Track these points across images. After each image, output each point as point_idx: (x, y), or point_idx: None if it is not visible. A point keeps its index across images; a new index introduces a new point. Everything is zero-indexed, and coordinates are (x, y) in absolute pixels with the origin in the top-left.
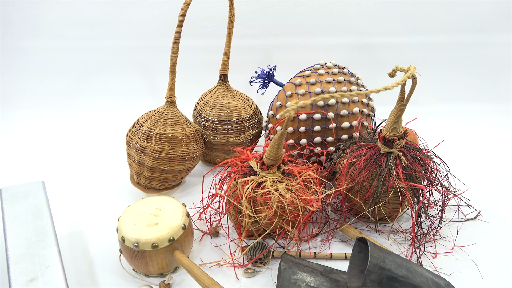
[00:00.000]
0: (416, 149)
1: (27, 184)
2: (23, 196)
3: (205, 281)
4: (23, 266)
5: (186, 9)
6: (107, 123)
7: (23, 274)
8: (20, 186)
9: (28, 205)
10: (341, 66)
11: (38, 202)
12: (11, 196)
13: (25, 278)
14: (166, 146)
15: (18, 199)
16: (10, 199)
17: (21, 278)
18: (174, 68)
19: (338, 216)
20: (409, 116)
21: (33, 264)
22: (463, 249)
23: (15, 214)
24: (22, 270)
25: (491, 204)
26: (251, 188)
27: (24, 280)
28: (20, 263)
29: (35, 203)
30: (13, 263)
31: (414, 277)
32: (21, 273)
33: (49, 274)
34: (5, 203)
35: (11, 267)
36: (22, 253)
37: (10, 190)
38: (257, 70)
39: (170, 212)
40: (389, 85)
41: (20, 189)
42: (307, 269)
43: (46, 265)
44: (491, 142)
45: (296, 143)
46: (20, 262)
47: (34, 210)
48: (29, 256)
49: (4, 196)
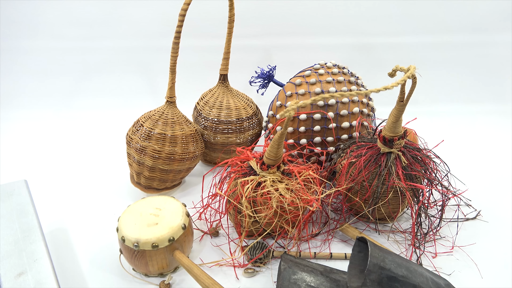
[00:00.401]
0: (416, 149)
1: (9, 184)
2: (7, 196)
3: (205, 281)
4: (11, 262)
5: (186, 9)
6: (107, 123)
7: (11, 269)
8: (2, 186)
9: (12, 203)
10: (341, 66)
11: (22, 200)
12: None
13: (14, 272)
14: (166, 146)
15: (2, 198)
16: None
17: (9, 273)
18: (174, 68)
19: (338, 216)
20: (409, 116)
21: (20, 259)
22: (463, 249)
23: (1, 213)
24: (11, 265)
25: (491, 204)
26: (251, 188)
27: (13, 274)
28: (8, 259)
29: (19, 202)
30: (1, 258)
31: (414, 277)
32: (9, 268)
33: (37, 267)
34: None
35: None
36: (9, 249)
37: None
38: (257, 70)
39: (170, 212)
40: (389, 85)
41: (3, 189)
42: (307, 269)
43: (34, 259)
44: (491, 142)
45: (296, 143)
46: (8, 258)
47: (18, 208)
48: (16, 252)
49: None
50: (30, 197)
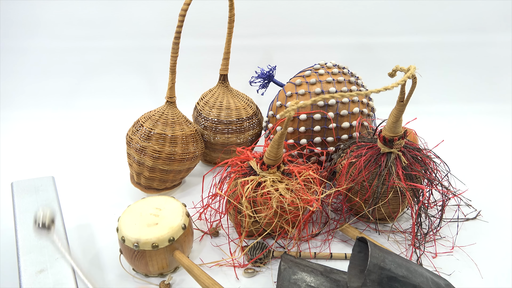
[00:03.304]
0: (416, 149)
1: (38, 179)
2: (34, 190)
3: (205, 281)
4: (33, 257)
5: (186, 9)
6: (107, 123)
7: (32, 265)
8: (31, 181)
9: (38, 199)
10: (341, 66)
11: (48, 196)
12: (22, 190)
13: (34, 269)
14: (166, 146)
15: (29, 193)
16: (21, 192)
17: (30, 268)
18: (174, 68)
19: (338, 216)
20: (409, 116)
21: (42, 256)
22: (463, 249)
23: (26, 207)
24: (32, 261)
25: (491, 204)
26: (251, 188)
27: (33, 270)
28: (30, 254)
29: (45, 197)
30: (22, 253)
31: (414, 277)
32: (31, 264)
33: (58, 266)
34: (16, 196)
35: (21, 258)
36: (32, 245)
37: (22, 184)
38: (257, 70)
39: (170, 212)
40: (389, 85)
41: (31, 183)
42: (307, 269)
43: (55, 257)
44: (491, 142)
45: (296, 143)
46: (30, 253)
47: (44, 204)
48: (38, 248)
49: (15, 190)
50: (56, 194)
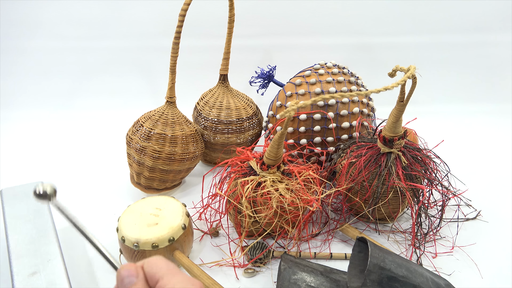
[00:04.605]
0: (416, 149)
1: (28, 184)
2: (24, 196)
3: (205, 281)
4: (25, 261)
5: (186, 9)
6: (107, 123)
7: (24, 268)
8: (20, 187)
9: (29, 204)
10: (341, 66)
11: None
12: (12, 197)
13: (27, 271)
14: (166, 146)
15: (19, 199)
16: (11, 199)
17: (22, 272)
18: (174, 68)
19: (338, 216)
20: (409, 116)
21: (34, 259)
22: (463, 249)
23: (16, 214)
24: (24, 264)
25: (491, 204)
26: (251, 188)
27: (25, 273)
28: (21, 258)
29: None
30: (15, 258)
31: (414, 277)
32: (23, 267)
33: (50, 268)
34: (6, 203)
35: (13, 262)
36: (24, 249)
37: (11, 191)
38: (257, 70)
39: (170, 212)
40: (389, 85)
41: (21, 189)
42: (307, 269)
43: (48, 259)
44: (491, 142)
45: (296, 143)
46: (21, 257)
47: (35, 209)
48: (30, 252)
49: (5, 197)
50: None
